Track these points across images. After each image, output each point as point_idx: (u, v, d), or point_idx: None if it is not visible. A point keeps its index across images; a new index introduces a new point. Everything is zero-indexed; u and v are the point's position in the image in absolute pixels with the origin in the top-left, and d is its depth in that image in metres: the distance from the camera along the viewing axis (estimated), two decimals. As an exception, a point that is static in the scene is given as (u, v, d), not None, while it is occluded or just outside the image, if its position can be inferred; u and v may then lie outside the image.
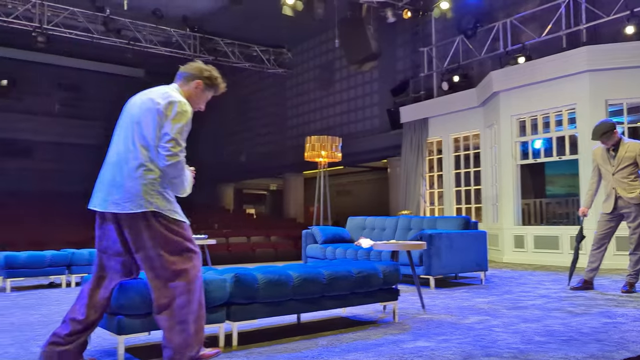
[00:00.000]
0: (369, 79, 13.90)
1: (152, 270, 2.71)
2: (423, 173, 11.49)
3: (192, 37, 14.24)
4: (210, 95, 3.01)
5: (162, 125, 2.69)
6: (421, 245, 4.62)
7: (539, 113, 8.94)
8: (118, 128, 2.86)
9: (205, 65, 3.00)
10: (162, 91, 2.82)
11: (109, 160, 2.81)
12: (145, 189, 2.66)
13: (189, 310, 2.72)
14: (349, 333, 3.65)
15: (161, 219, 2.70)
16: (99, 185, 2.80)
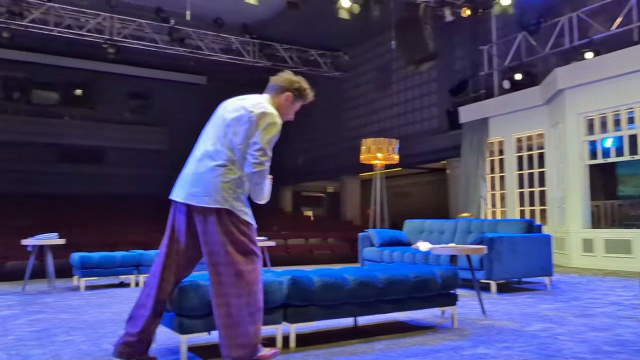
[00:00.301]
0: (426, 80, 13.70)
1: (215, 266, 2.80)
2: (484, 174, 11.19)
3: (251, 44, 14.57)
4: (299, 106, 3.13)
5: (251, 134, 2.84)
6: (481, 249, 4.52)
7: (608, 110, 8.51)
8: (208, 127, 3.02)
9: (295, 77, 3.10)
10: (255, 101, 2.95)
11: (195, 156, 2.95)
12: (224, 186, 2.79)
13: (247, 311, 2.79)
14: (406, 338, 3.62)
15: (233, 218, 2.81)
16: (182, 178, 2.95)
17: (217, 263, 2.79)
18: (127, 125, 17.86)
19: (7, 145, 15.32)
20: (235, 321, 2.76)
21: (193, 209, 2.85)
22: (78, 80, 17.26)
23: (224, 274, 2.77)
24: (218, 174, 2.81)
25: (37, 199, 14.14)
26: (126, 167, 17.35)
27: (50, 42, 13.29)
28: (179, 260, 2.95)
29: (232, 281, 2.77)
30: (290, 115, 3.11)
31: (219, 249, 2.78)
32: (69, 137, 16.61)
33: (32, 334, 3.91)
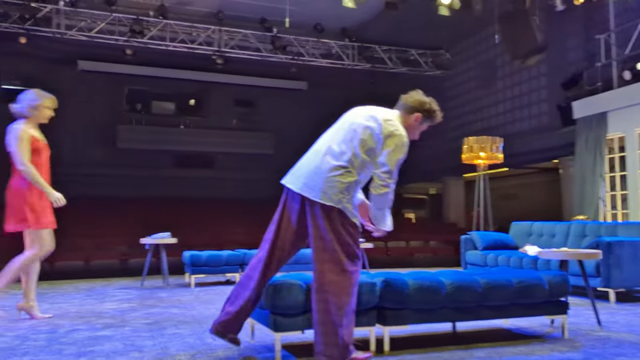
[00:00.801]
0: (535, 74, 12.91)
1: (322, 262, 2.84)
2: (602, 174, 10.30)
3: (350, 47, 14.66)
4: (426, 127, 3.22)
5: (375, 147, 2.93)
6: (595, 254, 4.16)
7: None
8: (336, 126, 3.09)
9: (426, 98, 3.18)
10: (387, 116, 3.03)
11: (318, 149, 3.01)
12: (340, 187, 2.86)
13: (345, 311, 2.81)
14: (509, 347, 3.42)
15: (343, 218, 2.87)
16: (300, 168, 3.01)
17: (323, 260, 2.85)
18: (235, 131, 18.74)
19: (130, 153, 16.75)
20: (332, 319, 2.79)
21: (307, 199, 2.92)
22: (191, 91, 18.43)
23: (329, 271, 2.83)
24: (338, 174, 2.87)
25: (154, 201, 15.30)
26: (234, 171, 18.22)
27: (167, 56, 14.34)
28: (283, 245, 3.04)
29: (335, 279, 2.81)
30: (416, 136, 3.18)
31: (327, 246, 2.84)
32: (183, 144, 17.79)
33: (145, 326, 4.23)
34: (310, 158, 3.02)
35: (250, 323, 3.53)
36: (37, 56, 13.63)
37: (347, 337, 2.83)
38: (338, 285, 2.81)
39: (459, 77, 15.58)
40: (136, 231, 8.46)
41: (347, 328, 2.83)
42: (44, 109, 4.31)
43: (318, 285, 2.85)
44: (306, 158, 3.04)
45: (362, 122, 2.98)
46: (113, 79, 16.53)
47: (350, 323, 2.85)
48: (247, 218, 14.74)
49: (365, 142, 2.92)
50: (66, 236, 10.93)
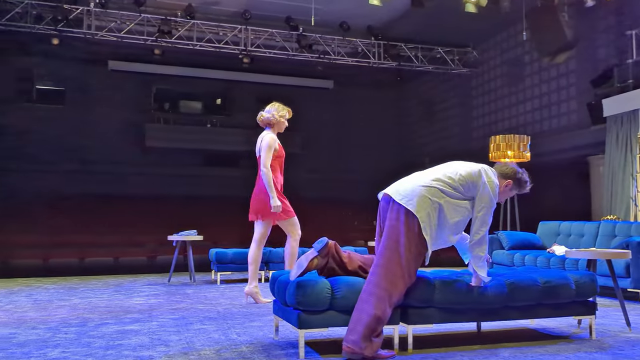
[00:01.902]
0: (564, 71, 12.65)
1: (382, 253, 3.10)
2: (633, 173, 10.05)
3: (376, 45, 14.60)
4: (514, 193, 3.48)
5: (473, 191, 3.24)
6: (624, 254, 4.07)
7: None
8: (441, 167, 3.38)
9: (519, 169, 3.46)
10: (490, 178, 3.28)
11: (423, 172, 3.38)
12: (425, 200, 3.13)
13: (383, 307, 2.95)
14: (535, 347, 3.39)
15: (416, 227, 3.10)
16: (402, 181, 3.36)
17: (386, 248, 3.09)
18: (259, 130, 18.87)
19: (157, 151, 17.03)
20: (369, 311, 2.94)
21: (393, 205, 3.17)
22: (217, 90, 18.62)
23: (383, 267, 3.05)
24: (430, 192, 3.17)
25: (181, 199, 15.52)
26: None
27: (194, 56, 14.52)
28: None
29: (390, 278, 3.02)
30: (502, 200, 3.45)
31: (392, 243, 3.08)
32: (209, 142, 17.99)
33: (172, 321, 4.32)
34: (414, 178, 3.39)
35: (275, 320, 3.58)
36: (69, 57, 13.96)
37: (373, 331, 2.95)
38: (387, 283, 3.02)
39: (486, 75, 15.37)
40: (164, 229, 8.61)
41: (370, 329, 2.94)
42: (284, 120, 5.01)
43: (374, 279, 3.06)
44: (411, 177, 3.43)
45: (466, 170, 3.33)
46: (142, 78, 16.82)
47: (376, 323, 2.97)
48: (272, 216, 14.85)
49: (464, 184, 3.29)
50: (96, 233, 11.22)
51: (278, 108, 4.97)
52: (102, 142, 15.63)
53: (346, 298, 3.10)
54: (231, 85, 18.22)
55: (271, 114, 4.92)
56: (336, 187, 17.66)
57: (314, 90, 18.58)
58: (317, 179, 18.05)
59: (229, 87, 18.36)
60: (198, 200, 15.63)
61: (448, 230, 3.22)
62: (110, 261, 9.89)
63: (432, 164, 3.51)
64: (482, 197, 3.21)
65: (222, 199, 16.19)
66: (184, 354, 3.20)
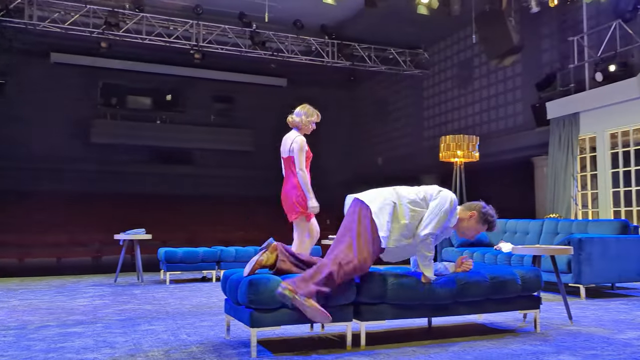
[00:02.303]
0: (511, 74, 13.09)
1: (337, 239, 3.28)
2: (574, 173, 10.51)
3: (330, 44, 14.65)
4: (481, 230, 3.55)
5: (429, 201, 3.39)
6: (566, 250, 4.23)
7: None
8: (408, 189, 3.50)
9: (486, 205, 3.57)
10: (449, 194, 3.45)
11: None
12: (380, 195, 3.35)
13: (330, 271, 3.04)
14: (483, 341, 3.47)
15: (369, 215, 3.25)
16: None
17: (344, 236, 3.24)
18: (213, 127, 18.55)
19: (104, 148, 16.48)
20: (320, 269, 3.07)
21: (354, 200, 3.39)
22: (168, 86, 18.20)
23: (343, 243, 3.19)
24: (387, 189, 3.38)
25: (129, 197, 15.09)
26: (213, 168, 18.07)
27: (143, 50, 14.13)
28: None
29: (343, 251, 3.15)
30: (468, 235, 3.53)
31: (344, 231, 3.27)
32: (159, 139, 17.56)
33: (118, 322, 4.16)
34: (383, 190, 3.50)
35: (226, 319, 3.50)
36: (9, 48, 13.30)
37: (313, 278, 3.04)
38: (342, 254, 3.13)
39: (437, 77, 15.71)
40: (110, 227, 8.33)
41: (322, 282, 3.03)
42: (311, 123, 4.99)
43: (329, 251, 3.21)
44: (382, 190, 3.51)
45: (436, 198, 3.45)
46: (87, 72, 16.22)
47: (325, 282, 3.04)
48: (225, 215, 14.66)
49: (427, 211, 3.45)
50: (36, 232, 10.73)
51: (308, 112, 4.98)
52: (43, 137, 14.98)
53: (299, 295, 3.07)
54: (182, 81, 17.84)
55: (300, 117, 4.94)
56: (289, 186, 17.62)
57: (268, 88, 18.45)
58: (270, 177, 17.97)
59: (180, 83, 17.97)
60: (147, 198, 15.23)
61: (400, 229, 3.30)
62: (52, 261, 9.48)
63: (385, 164, 3.61)
64: (433, 203, 3.37)
65: (172, 197, 15.85)
66: (131, 355, 3.08)
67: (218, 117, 19.30)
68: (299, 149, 4.75)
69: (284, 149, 4.87)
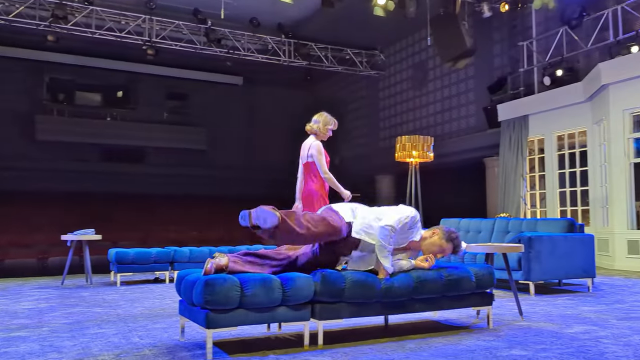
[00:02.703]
0: (464, 77, 13.42)
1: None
2: (523, 174, 10.88)
3: (286, 44, 14.60)
4: (446, 248, 3.64)
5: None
6: (518, 247, 4.35)
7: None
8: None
9: (454, 234, 3.67)
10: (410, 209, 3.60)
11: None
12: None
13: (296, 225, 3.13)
14: (438, 337, 3.51)
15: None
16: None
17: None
18: (166, 125, 18.16)
19: (52, 145, 15.84)
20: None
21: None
22: (119, 82, 17.68)
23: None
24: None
25: (78, 197, 14.56)
26: (166, 166, 17.67)
27: (93, 44, 13.67)
28: None
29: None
30: (433, 250, 3.62)
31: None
32: (109, 137, 17.04)
33: (65, 326, 3.99)
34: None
35: (181, 321, 3.41)
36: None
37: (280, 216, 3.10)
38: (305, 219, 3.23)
39: (393, 78, 15.92)
40: (57, 228, 8.00)
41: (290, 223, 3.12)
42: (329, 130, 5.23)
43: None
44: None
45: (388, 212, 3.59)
46: (33, 66, 15.57)
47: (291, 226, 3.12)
48: (179, 215, 14.35)
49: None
50: (-22, 233, 10.19)
51: (325, 120, 5.24)
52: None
53: (257, 295, 3.02)
54: (134, 78, 17.37)
55: (318, 124, 5.22)
56: (243, 186, 17.44)
57: (223, 86, 18.22)
58: (223, 177, 17.72)
59: (132, 79, 17.49)
60: (96, 197, 14.74)
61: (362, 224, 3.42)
62: (-7, 264, 9.02)
63: (342, 163, 3.62)
64: (393, 207, 3.55)
65: (124, 196, 15.40)
66: (79, 360, 2.95)
67: (171, 114, 18.90)
68: (317, 153, 5.04)
69: (303, 154, 5.14)
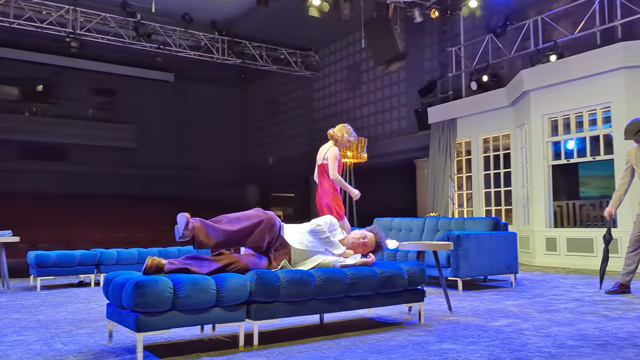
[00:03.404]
0: (396, 80, 13.77)
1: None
2: (451, 174, 11.30)
3: (220, 41, 14.37)
4: (369, 242, 3.94)
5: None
6: (447, 245, 4.51)
7: (571, 112, 8.68)
8: None
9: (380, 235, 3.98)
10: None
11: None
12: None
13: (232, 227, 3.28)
14: (372, 334, 3.57)
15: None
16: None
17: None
18: (92, 122, 17.38)
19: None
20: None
21: None
22: (40, 75, 16.72)
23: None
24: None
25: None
26: (91, 165, 16.90)
27: (11, 35, 12.84)
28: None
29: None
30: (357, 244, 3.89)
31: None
32: (29, 133, 16.09)
33: (-21, 334, 3.71)
34: None
35: (109, 325, 3.26)
36: None
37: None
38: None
39: (328, 79, 16.06)
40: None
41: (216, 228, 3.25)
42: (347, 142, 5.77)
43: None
44: None
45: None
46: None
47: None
48: (105, 216, 13.76)
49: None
50: None
51: (347, 132, 5.74)
52: None
53: (190, 297, 2.94)
54: (57, 71, 16.49)
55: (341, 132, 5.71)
56: (175, 186, 16.99)
57: (153, 83, 17.67)
58: (153, 177, 17.17)
59: (55, 72, 16.60)
60: (14, 197, 13.86)
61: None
62: None
63: (276, 163, 3.60)
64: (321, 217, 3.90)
65: (45, 196, 14.57)
66: (-5, 370, 2.76)
67: (97, 111, 18.09)
68: (332, 158, 5.53)
69: (320, 157, 5.61)
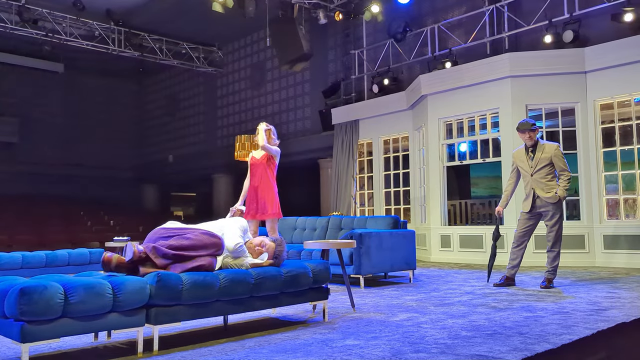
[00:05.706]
0: (300, 80, 13.87)
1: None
2: (354, 174, 11.59)
3: (116, 32, 13.62)
4: (268, 245, 3.91)
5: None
6: (351, 243, 4.60)
7: (464, 116, 9.23)
8: None
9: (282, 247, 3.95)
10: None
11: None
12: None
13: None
14: (277, 334, 3.55)
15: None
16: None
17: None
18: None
19: None
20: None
21: None
22: None
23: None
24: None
25: None
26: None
27: None
28: None
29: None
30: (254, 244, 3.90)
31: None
32: None
33: None
34: None
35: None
36: None
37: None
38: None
39: (231, 76, 15.80)
40: None
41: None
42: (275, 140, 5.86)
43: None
44: None
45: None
46: None
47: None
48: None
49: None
50: None
51: (268, 134, 5.80)
52: None
53: (84, 302, 2.74)
54: None
55: (268, 136, 5.77)
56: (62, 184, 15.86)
57: (40, 73, 16.36)
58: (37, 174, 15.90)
59: None
60: None
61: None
62: None
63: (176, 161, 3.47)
64: (226, 221, 3.94)
65: None
66: None
67: (-26, 101, 16.44)
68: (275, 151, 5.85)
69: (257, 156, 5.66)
